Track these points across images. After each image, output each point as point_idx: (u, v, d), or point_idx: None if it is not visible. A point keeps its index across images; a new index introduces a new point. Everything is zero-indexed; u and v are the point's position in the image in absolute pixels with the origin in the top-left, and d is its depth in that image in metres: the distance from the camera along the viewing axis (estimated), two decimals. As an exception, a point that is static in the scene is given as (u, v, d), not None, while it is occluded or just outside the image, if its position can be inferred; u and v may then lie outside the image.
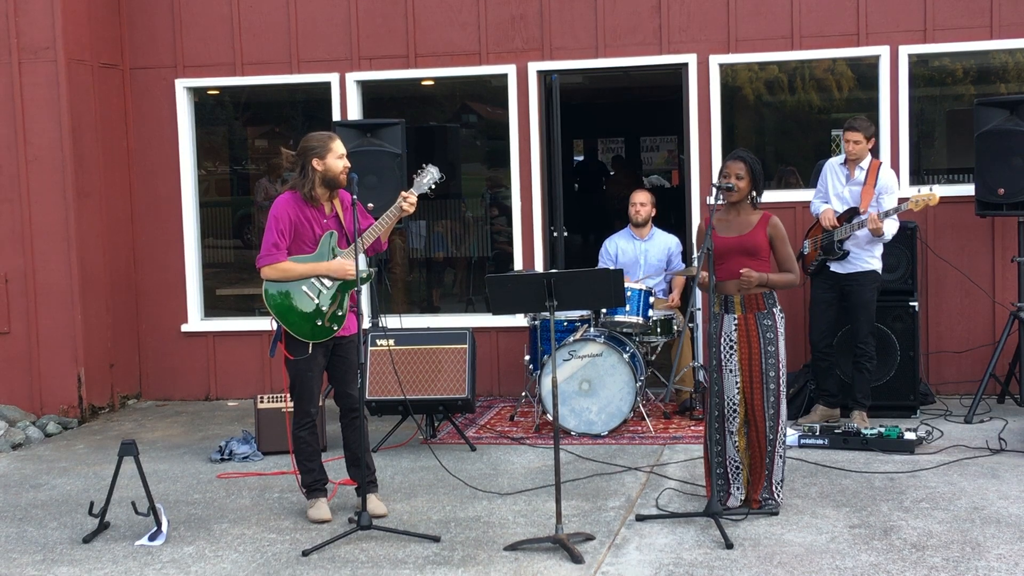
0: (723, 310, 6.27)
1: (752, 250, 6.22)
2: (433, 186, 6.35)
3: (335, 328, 6.25)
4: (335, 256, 6.26)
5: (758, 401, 6.20)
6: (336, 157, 6.18)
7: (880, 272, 8.07)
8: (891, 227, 7.90)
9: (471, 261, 11.00)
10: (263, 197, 10.79)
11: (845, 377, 8.27)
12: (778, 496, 6.27)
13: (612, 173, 18.49)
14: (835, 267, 8.02)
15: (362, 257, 6.37)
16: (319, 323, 6.23)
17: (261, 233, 6.52)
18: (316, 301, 6.22)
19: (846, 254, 7.94)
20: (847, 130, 7.96)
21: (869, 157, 8.02)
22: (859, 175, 7.99)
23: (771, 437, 6.22)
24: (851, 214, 7.92)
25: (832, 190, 8.11)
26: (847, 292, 8.04)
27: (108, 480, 6.43)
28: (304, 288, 6.22)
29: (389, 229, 6.35)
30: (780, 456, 6.26)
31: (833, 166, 8.16)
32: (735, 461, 6.30)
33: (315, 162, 6.15)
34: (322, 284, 6.25)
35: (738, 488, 6.31)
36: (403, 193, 6.24)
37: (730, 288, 6.23)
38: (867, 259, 7.97)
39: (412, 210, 6.22)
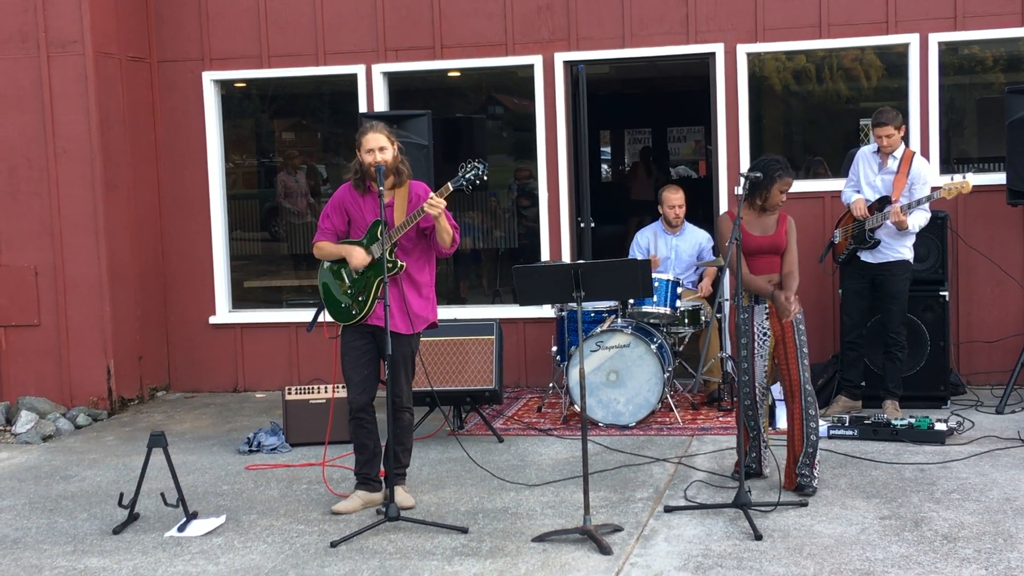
0: (752, 301, 6.44)
1: (779, 249, 6.48)
2: (471, 181, 6.28)
3: (355, 313, 6.31)
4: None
5: (796, 375, 6.34)
6: (364, 151, 6.25)
7: (912, 261, 7.99)
8: (919, 219, 7.80)
9: (498, 252, 10.98)
10: (282, 191, 10.81)
11: (875, 368, 8.21)
12: (816, 472, 6.38)
13: None
14: (866, 256, 7.93)
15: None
16: (343, 305, 6.36)
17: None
18: (346, 283, 6.37)
19: (877, 243, 7.86)
20: (877, 125, 7.79)
21: (902, 146, 7.92)
22: (892, 164, 7.88)
23: (811, 412, 6.35)
24: (883, 203, 7.82)
25: (864, 178, 8.02)
26: (879, 282, 7.96)
27: (137, 471, 6.45)
28: (343, 271, 6.39)
29: (441, 229, 6.21)
30: (817, 436, 6.38)
31: (866, 154, 8.05)
32: (766, 441, 6.58)
33: (358, 154, 6.35)
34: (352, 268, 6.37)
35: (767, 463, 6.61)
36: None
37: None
38: (899, 248, 7.88)
39: (435, 212, 6.12)
